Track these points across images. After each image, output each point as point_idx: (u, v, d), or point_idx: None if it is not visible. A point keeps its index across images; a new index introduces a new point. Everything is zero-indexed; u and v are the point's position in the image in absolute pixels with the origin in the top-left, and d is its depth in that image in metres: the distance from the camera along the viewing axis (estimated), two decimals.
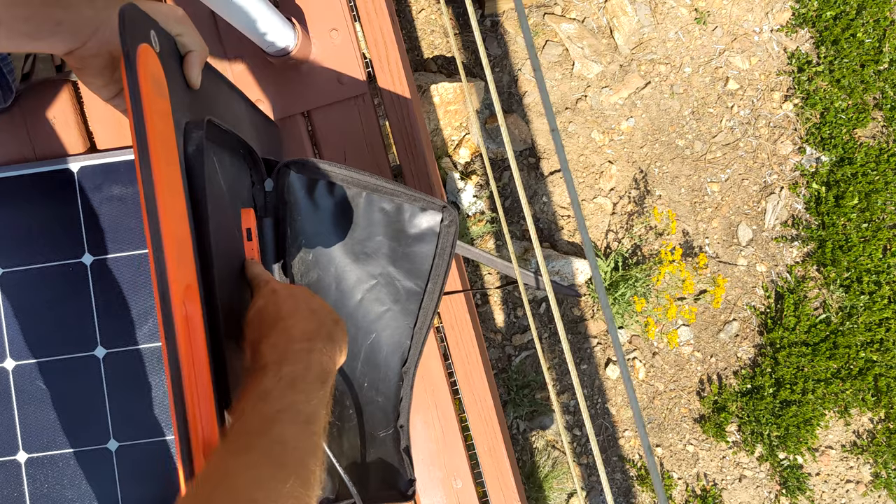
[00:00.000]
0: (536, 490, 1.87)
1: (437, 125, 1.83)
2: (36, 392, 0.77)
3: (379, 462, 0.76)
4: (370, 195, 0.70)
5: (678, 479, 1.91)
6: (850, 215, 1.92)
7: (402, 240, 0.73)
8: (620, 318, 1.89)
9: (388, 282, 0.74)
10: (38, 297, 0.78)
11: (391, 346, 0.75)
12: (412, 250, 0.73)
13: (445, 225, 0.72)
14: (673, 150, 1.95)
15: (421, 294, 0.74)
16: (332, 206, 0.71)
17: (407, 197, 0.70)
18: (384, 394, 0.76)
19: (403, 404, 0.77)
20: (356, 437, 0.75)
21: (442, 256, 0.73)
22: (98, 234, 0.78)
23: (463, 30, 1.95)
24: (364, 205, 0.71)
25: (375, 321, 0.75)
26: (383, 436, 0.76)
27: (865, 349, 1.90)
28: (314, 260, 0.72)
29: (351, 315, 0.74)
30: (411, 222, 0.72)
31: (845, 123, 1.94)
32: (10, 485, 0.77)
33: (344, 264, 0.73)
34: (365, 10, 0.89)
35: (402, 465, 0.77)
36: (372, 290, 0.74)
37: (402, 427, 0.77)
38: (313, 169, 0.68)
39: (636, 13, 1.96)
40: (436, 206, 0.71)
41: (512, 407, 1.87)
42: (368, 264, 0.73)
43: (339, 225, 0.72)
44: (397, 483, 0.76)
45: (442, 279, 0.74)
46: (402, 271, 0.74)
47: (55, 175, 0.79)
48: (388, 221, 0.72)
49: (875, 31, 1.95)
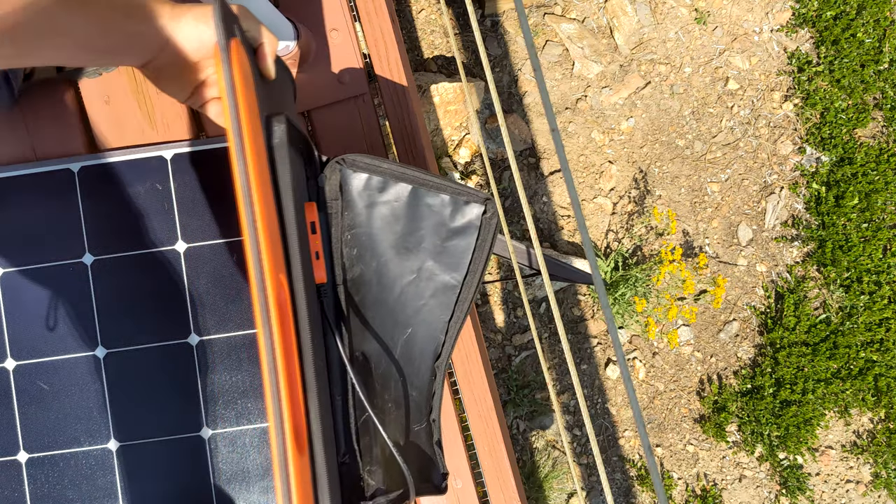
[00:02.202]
0: (536, 490, 1.87)
1: (437, 125, 1.83)
2: (37, 392, 0.77)
3: (416, 455, 0.76)
4: (416, 189, 0.71)
5: (678, 479, 1.91)
6: (850, 215, 1.92)
7: (443, 233, 0.73)
8: (620, 318, 1.89)
9: (428, 276, 0.74)
10: (39, 297, 0.78)
11: (426, 340, 0.76)
12: (452, 243, 0.73)
13: (487, 217, 0.72)
14: (673, 150, 1.95)
15: (458, 287, 0.75)
16: (379, 201, 0.71)
17: (451, 190, 0.71)
18: (418, 388, 0.76)
19: (436, 399, 0.77)
20: (396, 430, 0.75)
21: (482, 248, 0.73)
22: (98, 233, 0.78)
23: (463, 30, 1.95)
24: (409, 199, 0.71)
25: (413, 316, 0.75)
26: (417, 429, 0.76)
27: (865, 349, 1.91)
28: (358, 255, 0.72)
29: (390, 310, 0.75)
30: (454, 216, 0.72)
31: (845, 123, 1.94)
32: (11, 485, 0.77)
33: (386, 259, 0.73)
34: (365, 10, 0.89)
35: (435, 458, 0.77)
36: (411, 284, 0.74)
37: (435, 421, 0.77)
38: (361, 164, 0.69)
39: (636, 13, 1.96)
40: (479, 199, 0.72)
41: (512, 407, 1.87)
42: (409, 259, 0.74)
43: (384, 220, 0.72)
44: (432, 476, 0.77)
45: (480, 272, 0.74)
46: (441, 265, 0.74)
47: (55, 175, 0.79)
48: (431, 215, 0.72)
49: (875, 31, 1.95)
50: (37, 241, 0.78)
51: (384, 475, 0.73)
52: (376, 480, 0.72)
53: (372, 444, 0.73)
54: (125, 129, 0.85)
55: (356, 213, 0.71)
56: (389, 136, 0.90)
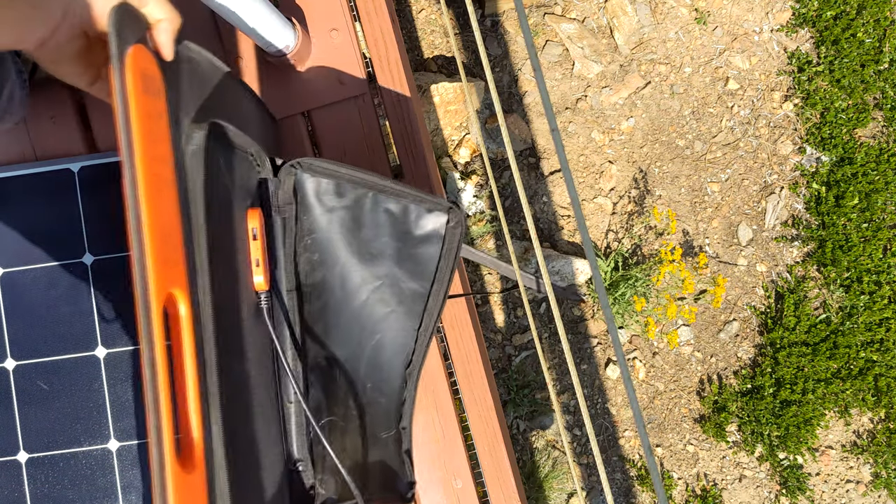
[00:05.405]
0: (536, 490, 1.87)
1: (437, 125, 1.83)
2: (37, 392, 0.77)
3: (379, 463, 0.75)
4: (376, 196, 0.70)
5: (678, 479, 1.91)
6: (850, 215, 1.92)
7: (407, 241, 0.72)
8: (620, 318, 1.89)
9: (393, 283, 0.73)
10: (39, 298, 0.78)
11: (395, 347, 0.75)
12: (417, 251, 0.72)
13: (451, 226, 0.71)
14: (673, 150, 1.95)
15: (426, 296, 0.74)
16: (338, 206, 0.70)
17: (413, 198, 0.70)
18: (387, 395, 0.75)
19: (406, 406, 0.76)
20: (358, 437, 0.74)
21: (447, 258, 0.72)
22: (98, 233, 0.78)
23: (463, 30, 1.95)
24: (370, 205, 0.70)
25: (380, 322, 0.74)
26: (385, 437, 0.76)
27: (865, 349, 1.90)
28: (320, 260, 0.71)
29: (355, 316, 0.74)
30: (417, 223, 0.71)
31: (845, 123, 1.94)
32: (11, 485, 0.77)
33: (349, 265, 0.72)
34: (365, 10, 0.89)
35: (403, 467, 0.76)
36: (377, 290, 0.73)
37: (405, 429, 0.76)
38: (318, 168, 0.68)
39: (636, 13, 1.96)
40: (441, 208, 0.71)
41: (512, 407, 1.87)
42: (374, 265, 0.73)
43: (344, 225, 0.71)
44: (397, 485, 0.76)
45: (447, 281, 0.73)
46: (407, 272, 0.73)
47: (55, 175, 0.79)
48: (393, 222, 0.71)
49: (875, 30, 1.95)
50: (37, 241, 0.78)
51: (337, 484, 0.72)
52: (328, 489, 0.71)
53: (325, 453, 0.72)
54: None
55: (314, 218, 0.70)
56: (389, 136, 0.90)
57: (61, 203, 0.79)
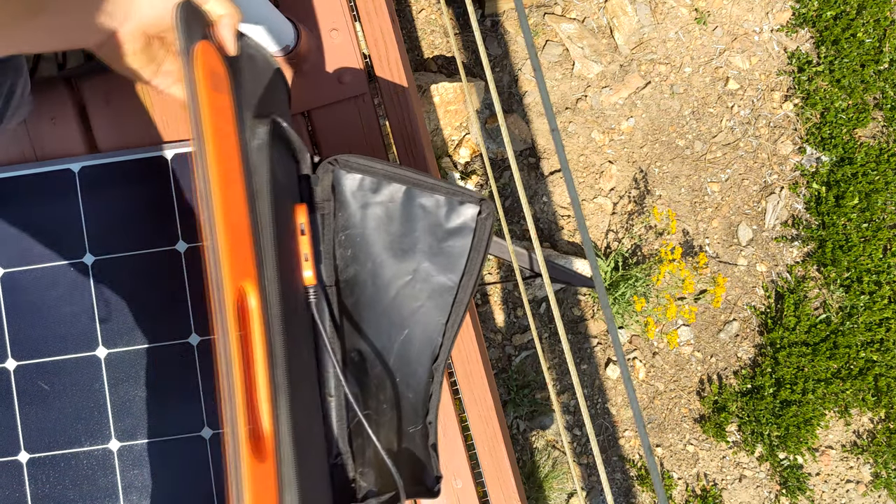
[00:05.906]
0: (536, 490, 1.87)
1: (437, 125, 1.83)
2: (37, 392, 0.77)
3: (409, 457, 0.76)
4: (409, 190, 0.71)
5: (678, 479, 1.91)
6: (850, 215, 1.92)
7: (439, 234, 0.73)
8: (620, 318, 1.89)
9: (424, 277, 0.74)
10: (39, 298, 0.78)
11: (423, 342, 0.76)
12: (448, 244, 0.73)
13: (483, 218, 0.72)
14: (673, 150, 1.95)
15: (455, 289, 0.74)
16: (372, 201, 0.71)
17: (446, 191, 0.71)
18: (414, 389, 0.76)
19: (433, 401, 0.77)
20: (390, 431, 0.75)
21: (478, 250, 0.73)
22: (99, 233, 0.78)
23: (463, 30, 1.95)
24: (403, 200, 0.71)
25: (409, 317, 0.75)
26: (412, 431, 0.76)
27: (865, 349, 1.91)
28: (353, 256, 0.72)
29: (386, 311, 0.74)
30: (449, 216, 0.72)
31: (845, 123, 1.94)
32: (12, 485, 0.77)
33: (381, 260, 0.73)
34: (365, 10, 0.89)
35: (430, 460, 0.77)
36: (407, 286, 0.74)
37: (431, 423, 0.77)
38: (355, 165, 0.69)
39: (636, 13, 1.96)
40: (474, 200, 0.71)
41: (512, 407, 1.87)
42: (405, 260, 0.73)
43: (377, 221, 0.72)
44: (424, 479, 0.76)
45: (476, 273, 0.74)
46: (437, 266, 0.74)
47: (55, 175, 0.79)
48: (426, 216, 0.72)
49: (875, 30, 1.95)
50: (37, 241, 0.78)
51: (376, 477, 0.72)
52: (368, 482, 0.72)
53: (365, 446, 0.73)
54: (125, 129, 0.85)
55: (350, 214, 0.71)
56: (389, 136, 0.90)
57: (62, 203, 0.79)
